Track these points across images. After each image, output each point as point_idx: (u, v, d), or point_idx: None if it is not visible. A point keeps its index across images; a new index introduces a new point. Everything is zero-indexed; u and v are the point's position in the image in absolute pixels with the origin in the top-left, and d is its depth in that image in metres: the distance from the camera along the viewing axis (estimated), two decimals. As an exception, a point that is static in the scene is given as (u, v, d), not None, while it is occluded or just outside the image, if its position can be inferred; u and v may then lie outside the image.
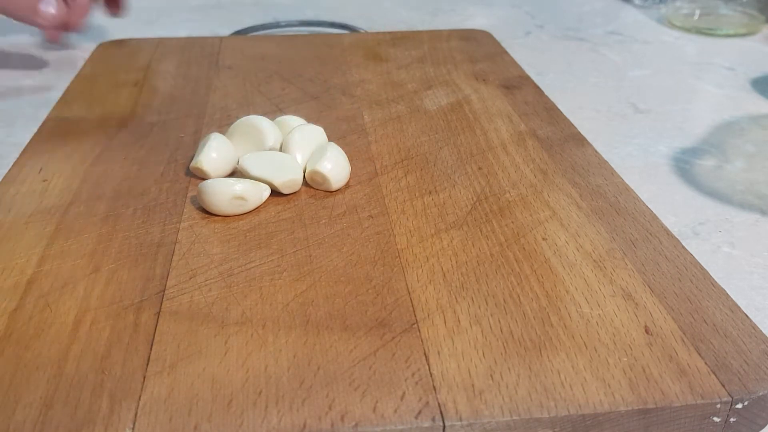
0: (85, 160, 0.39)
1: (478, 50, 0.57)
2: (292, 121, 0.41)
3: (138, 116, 0.44)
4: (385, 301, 0.28)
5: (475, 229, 0.33)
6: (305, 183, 0.37)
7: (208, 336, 0.26)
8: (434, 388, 0.24)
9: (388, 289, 0.29)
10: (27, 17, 0.50)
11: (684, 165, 0.45)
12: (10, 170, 0.38)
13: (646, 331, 0.27)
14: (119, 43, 0.57)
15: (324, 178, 0.36)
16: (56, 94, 0.47)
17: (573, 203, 0.35)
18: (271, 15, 0.74)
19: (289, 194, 0.36)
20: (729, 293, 0.29)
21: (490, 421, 0.23)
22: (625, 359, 0.25)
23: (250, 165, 0.36)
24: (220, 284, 0.29)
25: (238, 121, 0.39)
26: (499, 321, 0.27)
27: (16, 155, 0.40)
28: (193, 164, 0.37)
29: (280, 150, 0.38)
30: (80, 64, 0.53)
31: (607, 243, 0.32)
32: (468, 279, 0.29)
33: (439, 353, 0.25)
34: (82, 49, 0.56)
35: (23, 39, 0.66)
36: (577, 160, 0.39)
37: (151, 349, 0.26)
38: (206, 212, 0.34)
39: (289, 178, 0.35)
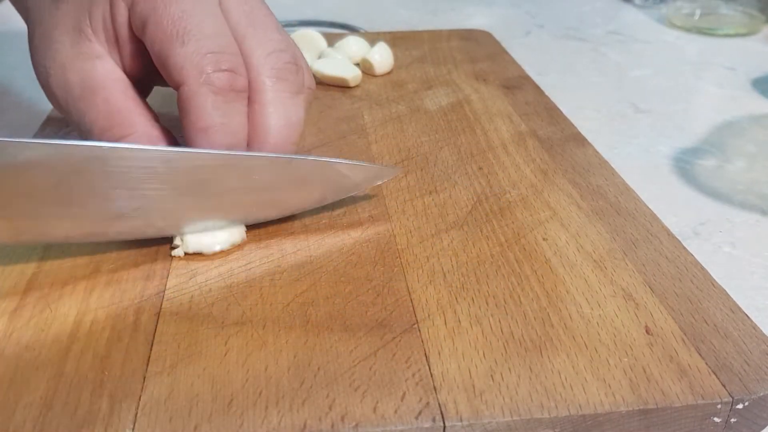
0: (85, 160, 0.39)
1: (479, 50, 0.57)
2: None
3: (138, 116, 0.44)
4: (386, 302, 0.28)
5: (476, 229, 0.33)
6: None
7: (208, 336, 0.26)
8: (435, 388, 0.24)
9: (388, 289, 0.29)
10: None
11: (685, 165, 0.45)
12: (10, 170, 0.38)
13: (647, 332, 0.27)
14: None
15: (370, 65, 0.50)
16: (56, 94, 0.47)
17: (573, 203, 0.35)
18: (272, 15, 0.74)
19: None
20: (729, 293, 0.29)
21: (490, 422, 0.23)
22: (626, 359, 0.25)
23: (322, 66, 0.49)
24: (220, 284, 0.29)
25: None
26: (500, 321, 0.27)
27: (16, 155, 0.39)
28: None
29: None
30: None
31: (607, 243, 0.32)
32: (468, 279, 0.29)
33: (439, 353, 0.25)
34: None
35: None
36: (577, 160, 0.39)
37: (151, 349, 0.26)
38: (206, 212, 0.34)
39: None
